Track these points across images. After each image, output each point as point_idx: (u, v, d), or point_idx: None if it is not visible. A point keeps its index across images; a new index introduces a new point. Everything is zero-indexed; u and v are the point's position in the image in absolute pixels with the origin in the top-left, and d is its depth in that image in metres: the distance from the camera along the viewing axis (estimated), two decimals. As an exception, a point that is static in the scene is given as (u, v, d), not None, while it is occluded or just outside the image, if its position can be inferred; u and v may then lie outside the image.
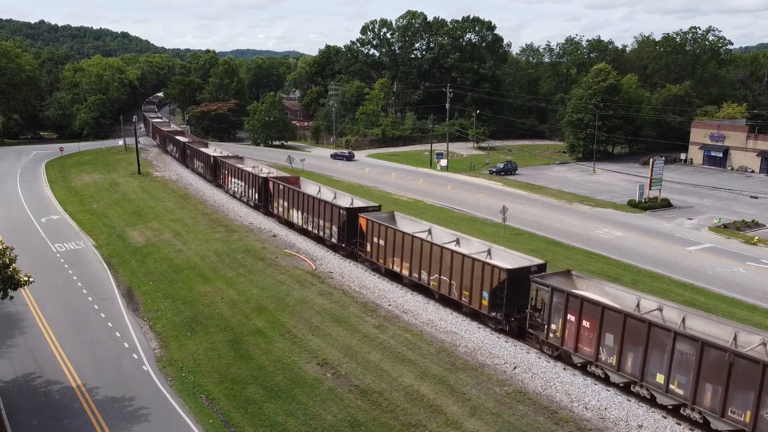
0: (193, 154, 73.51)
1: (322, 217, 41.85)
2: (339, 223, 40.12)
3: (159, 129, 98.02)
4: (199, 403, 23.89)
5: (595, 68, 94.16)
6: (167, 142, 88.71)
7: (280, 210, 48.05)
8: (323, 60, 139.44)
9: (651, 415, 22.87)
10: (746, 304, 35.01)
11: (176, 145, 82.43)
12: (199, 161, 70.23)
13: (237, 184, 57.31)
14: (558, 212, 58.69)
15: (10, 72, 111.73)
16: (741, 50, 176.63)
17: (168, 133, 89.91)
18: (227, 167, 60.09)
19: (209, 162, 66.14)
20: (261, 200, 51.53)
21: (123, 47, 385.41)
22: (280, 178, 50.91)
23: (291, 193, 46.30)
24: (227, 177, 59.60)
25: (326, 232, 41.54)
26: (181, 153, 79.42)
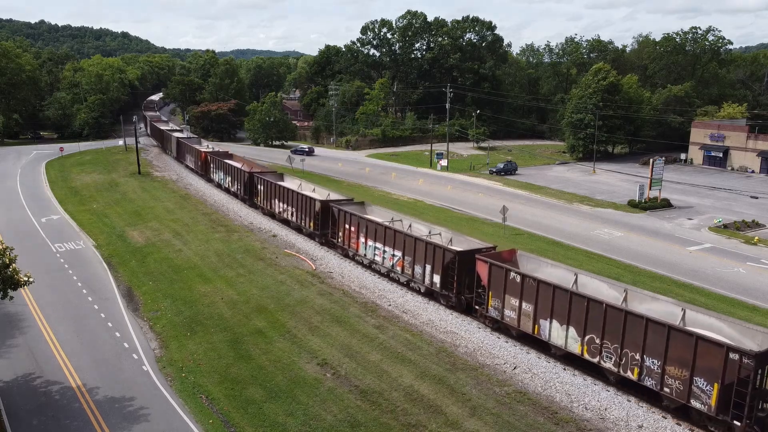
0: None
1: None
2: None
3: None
4: (199, 404, 23.89)
5: (595, 67, 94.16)
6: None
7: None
8: (323, 60, 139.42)
9: (651, 415, 22.87)
10: (746, 305, 35.00)
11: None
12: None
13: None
14: (558, 212, 58.69)
15: (10, 72, 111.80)
16: (741, 50, 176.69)
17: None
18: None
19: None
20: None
21: (123, 47, 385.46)
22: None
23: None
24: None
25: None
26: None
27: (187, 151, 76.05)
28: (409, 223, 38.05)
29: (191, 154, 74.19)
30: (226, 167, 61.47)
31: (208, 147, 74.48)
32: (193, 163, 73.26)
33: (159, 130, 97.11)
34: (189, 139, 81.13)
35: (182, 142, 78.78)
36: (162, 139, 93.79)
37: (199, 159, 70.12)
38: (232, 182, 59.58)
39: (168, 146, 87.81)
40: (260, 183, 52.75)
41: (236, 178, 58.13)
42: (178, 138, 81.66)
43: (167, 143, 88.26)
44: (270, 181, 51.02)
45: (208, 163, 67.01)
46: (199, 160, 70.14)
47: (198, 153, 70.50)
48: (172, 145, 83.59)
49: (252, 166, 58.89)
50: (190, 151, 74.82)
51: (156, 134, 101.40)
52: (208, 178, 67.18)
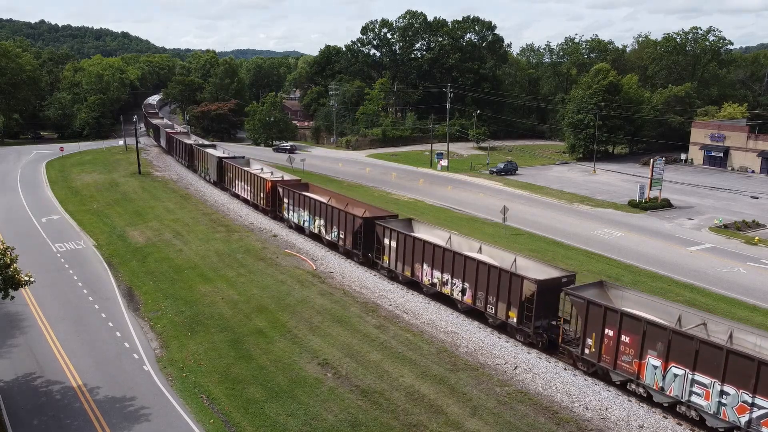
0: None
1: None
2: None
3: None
4: (199, 403, 23.89)
5: (595, 68, 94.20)
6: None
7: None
8: (324, 60, 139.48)
9: (652, 415, 22.87)
10: (747, 305, 34.99)
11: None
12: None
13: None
14: (558, 212, 58.68)
15: (10, 72, 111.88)
16: (741, 50, 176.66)
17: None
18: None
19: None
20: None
21: (123, 47, 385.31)
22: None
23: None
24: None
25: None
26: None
27: (238, 176, 57.96)
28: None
29: (246, 181, 56.00)
30: (317, 206, 43.77)
31: (272, 174, 55.28)
32: (249, 193, 55.28)
33: (184, 144, 77.24)
34: (236, 159, 63.26)
35: (233, 165, 59.79)
36: (191, 155, 74.66)
37: (260, 188, 52.27)
38: (329, 228, 42.26)
39: (202, 165, 69.15)
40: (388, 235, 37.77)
41: (339, 223, 41.00)
42: (222, 158, 63.22)
43: (202, 162, 69.02)
44: None
45: (279, 196, 49.56)
46: (261, 190, 52.25)
47: (259, 181, 52.90)
48: (210, 164, 65.89)
49: (364, 210, 41.72)
50: (245, 178, 56.13)
51: (178, 148, 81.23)
52: (275, 214, 50.70)
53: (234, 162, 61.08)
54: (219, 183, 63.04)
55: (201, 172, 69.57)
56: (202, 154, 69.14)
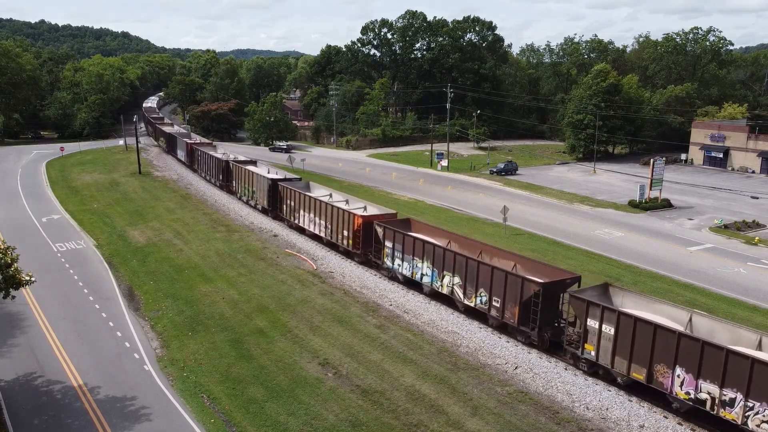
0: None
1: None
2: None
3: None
4: (200, 403, 23.89)
5: (596, 69, 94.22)
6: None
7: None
8: (324, 60, 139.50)
9: (652, 415, 22.88)
10: (747, 305, 35.00)
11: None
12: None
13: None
14: (558, 212, 58.69)
15: (10, 71, 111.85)
16: (741, 50, 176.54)
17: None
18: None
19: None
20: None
21: (123, 47, 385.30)
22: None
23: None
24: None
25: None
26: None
27: (305, 206, 45.08)
28: None
29: (319, 213, 43.46)
30: (442, 255, 32.58)
31: (345, 203, 43.93)
32: (323, 228, 42.92)
33: (216, 159, 64.39)
34: (293, 182, 51.31)
35: (296, 192, 46.66)
36: (226, 173, 61.51)
37: (344, 224, 40.11)
38: (470, 288, 30.92)
39: (244, 187, 56.46)
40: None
41: (487, 282, 29.85)
42: (277, 181, 50.41)
43: (245, 183, 56.40)
44: None
45: (377, 237, 37.31)
46: (345, 226, 40.05)
47: (342, 215, 40.49)
48: (257, 186, 53.41)
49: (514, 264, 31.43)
50: (318, 209, 43.54)
51: (206, 164, 68.02)
52: (366, 257, 39.06)
53: (292, 186, 48.28)
54: (271, 210, 51.00)
55: (242, 195, 57.11)
56: (244, 174, 56.18)
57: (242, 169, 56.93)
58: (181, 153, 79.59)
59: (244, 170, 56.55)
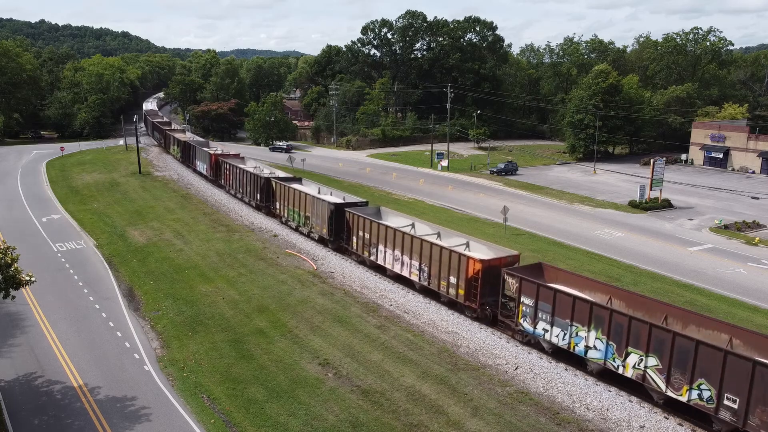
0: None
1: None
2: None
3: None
4: (200, 403, 23.88)
5: (596, 69, 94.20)
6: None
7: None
8: (324, 60, 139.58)
9: (653, 416, 22.87)
10: (747, 305, 34.99)
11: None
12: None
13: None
14: (559, 212, 58.68)
15: (10, 71, 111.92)
16: (742, 51, 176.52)
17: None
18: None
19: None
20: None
21: (123, 47, 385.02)
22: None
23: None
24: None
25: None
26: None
27: (392, 240, 35.90)
28: None
29: (413, 250, 34.22)
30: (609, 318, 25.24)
31: (466, 247, 33.75)
32: (421, 269, 33.68)
33: (252, 176, 54.28)
34: (362, 208, 41.57)
35: (372, 222, 37.88)
36: (266, 192, 51.82)
37: (456, 267, 31.04)
38: None
39: (294, 210, 46.88)
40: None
41: None
42: (345, 207, 41.24)
43: (296, 206, 46.55)
44: None
45: (517, 293, 28.13)
46: (458, 269, 30.91)
47: (454, 258, 31.32)
48: (315, 211, 44.01)
49: None
50: (412, 247, 34.29)
51: (237, 180, 57.87)
52: (503, 323, 29.63)
53: (363, 213, 39.36)
54: (333, 241, 41.96)
55: (289, 219, 47.84)
56: (291, 195, 46.96)
57: (289, 189, 47.41)
58: (202, 165, 69.06)
59: (291, 191, 46.99)
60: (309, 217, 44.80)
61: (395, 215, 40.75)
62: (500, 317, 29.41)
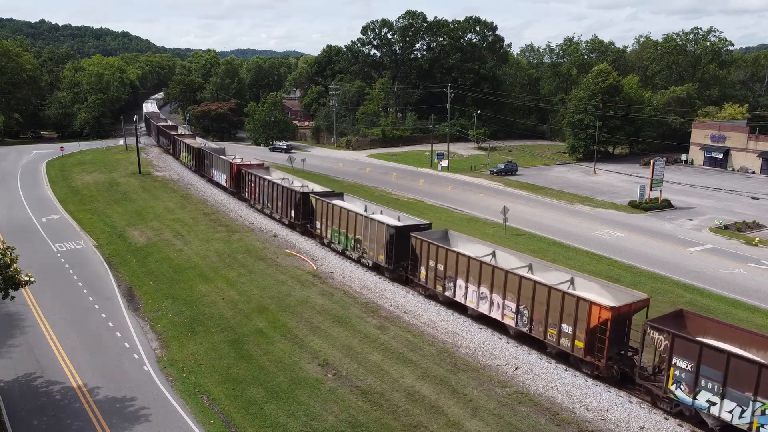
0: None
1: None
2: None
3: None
4: (200, 404, 23.87)
5: (596, 69, 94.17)
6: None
7: None
8: (324, 60, 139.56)
9: (653, 416, 22.84)
10: (747, 305, 34.97)
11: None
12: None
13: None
14: (559, 213, 58.66)
15: (10, 71, 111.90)
16: (742, 51, 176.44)
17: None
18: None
19: None
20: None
21: (123, 47, 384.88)
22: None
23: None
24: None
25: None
26: None
27: (470, 273, 30.81)
28: None
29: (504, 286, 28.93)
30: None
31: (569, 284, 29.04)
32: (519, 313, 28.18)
33: (272, 184, 50.33)
34: (429, 233, 35.64)
35: (425, 242, 33.52)
36: (302, 208, 45.86)
37: (575, 315, 25.49)
38: None
39: (345, 232, 40.51)
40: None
41: None
42: (401, 229, 36.03)
43: (347, 227, 40.30)
44: None
45: (666, 353, 22.92)
46: (575, 319, 25.52)
47: (575, 305, 25.55)
48: (370, 234, 37.87)
49: None
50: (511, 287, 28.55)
51: (266, 194, 51.52)
52: (647, 389, 24.13)
53: (435, 240, 33.56)
54: (392, 270, 35.98)
55: (333, 240, 41.74)
56: (338, 214, 40.79)
57: (333, 208, 41.38)
58: (220, 175, 62.68)
59: (336, 209, 41.00)
60: (360, 241, 38.64)
61: (467, 240, 34.79)
62: (638, 380, 24.09)
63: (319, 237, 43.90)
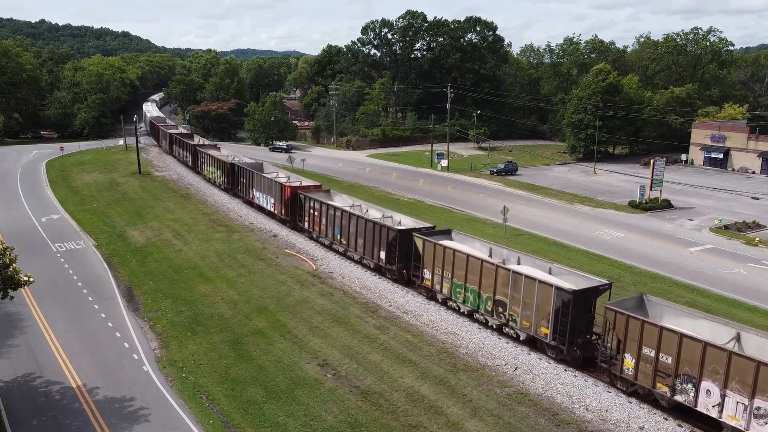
0: None
1: None
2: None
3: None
4: (199, 404, 23.85)
5: (596, 68, 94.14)
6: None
7: None
8: (324, 60, 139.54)
9: (652, 416, 22.83)
10: (747, 305, 34.95)
11: None
12: None
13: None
14: (559, 213, 58.63)
15: (10, 71, 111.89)
16: (742, 51, 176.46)
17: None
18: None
19: None
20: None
21: (124, 47, 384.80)
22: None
23: None
24: None
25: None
26: None
27: None
28: None
29: None
30: None
31: None
32: None
33: (354, 218, 39.66)
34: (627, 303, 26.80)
35: (630, 316, 24.01)
36: (397, 246, 36.00)
37: None
38: None
39: (457, 281, 31.65)
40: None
41: None
42: (579, 293, 26.18)
43: (457, 268, 31.80)
44: None
45: None
46: None
47: None
48: (533, 296, 27.47)
49: None
50: None
51: (327, 220, 42.68)
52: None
53: (636, 312, 24.79)
54: (568, 348, 26.14)
55: (455, 297, 31.74)
56: (464, 261, 30.91)
57: (455, 255, 31.38)
58: (265, 199, 51.52)
59: (460, 256, 31.13)
60: (505, 304, 28.62)
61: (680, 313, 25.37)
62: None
63: (428, 289, 33.61)
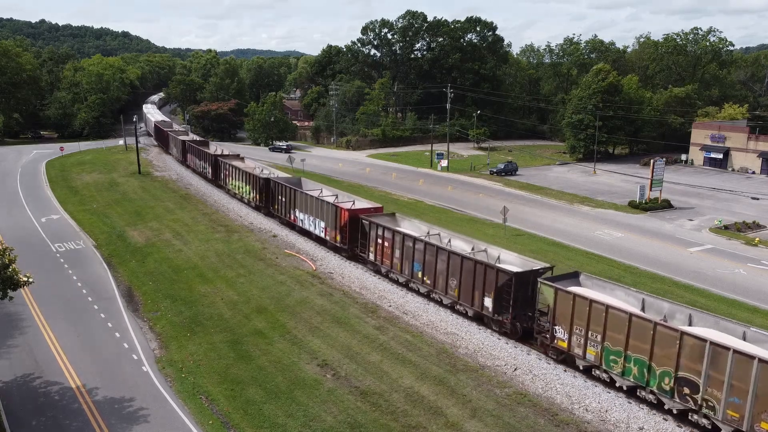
0: None
1: None
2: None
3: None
4: (198, 404, 23.84)
5: (595, 68, 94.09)
6: None
7: None
8: (324, 60, 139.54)
9: (652, 417, 22.82)
10: (747, 306, 34.95)
11: None
12: None
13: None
14: (558, 213, 58.62)
15: (10, 71, 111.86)
16: (742, 51, 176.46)
17: None
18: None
19: None
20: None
21: (124, 47, 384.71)
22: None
23: None
24: None
25: None
26: None
27: None
28: None
29: None
30: None
31: None
32: None
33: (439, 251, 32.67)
34: None
35: None
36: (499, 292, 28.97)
37: None
38: None
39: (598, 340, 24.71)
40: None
41: None
42: None
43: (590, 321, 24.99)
44: None
45: None
46: None
47: None
48: None
49: None
50: None
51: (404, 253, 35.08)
52: None
53: None
54: None
55: (608, 366, 24.29)
56: (619, 322, 23.81)
57: (606, 311, 24.18)
58: (314, 222, 44.00)
59: (616, 316, 23.95)
60: (695, 384, 21.52)
61: None
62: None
63: (558, 350, 26.64)
